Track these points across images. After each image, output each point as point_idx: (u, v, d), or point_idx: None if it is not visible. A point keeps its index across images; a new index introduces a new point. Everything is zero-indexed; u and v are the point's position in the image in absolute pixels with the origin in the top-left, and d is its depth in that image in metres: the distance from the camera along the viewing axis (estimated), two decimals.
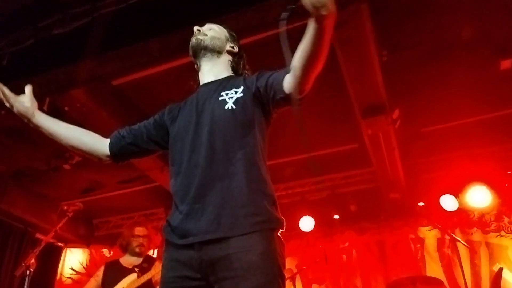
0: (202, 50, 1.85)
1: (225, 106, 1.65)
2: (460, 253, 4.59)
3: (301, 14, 1.43)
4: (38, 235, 5.97)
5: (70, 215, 3.08)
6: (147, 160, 4.70)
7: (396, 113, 4.21)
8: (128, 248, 3.51)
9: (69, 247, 6.72)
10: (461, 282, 4.83)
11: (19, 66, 3.24)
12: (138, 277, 3.23)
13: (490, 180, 5.12)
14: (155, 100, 4.28)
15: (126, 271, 3.30)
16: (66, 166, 5.03)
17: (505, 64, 3.77)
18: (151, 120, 1.93)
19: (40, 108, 1.94)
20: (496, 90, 4.21)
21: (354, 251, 5.91)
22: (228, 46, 1.91)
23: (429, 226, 5.53)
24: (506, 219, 5.37)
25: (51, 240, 6.03)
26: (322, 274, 5.67)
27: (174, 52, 3.03)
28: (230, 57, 1.91)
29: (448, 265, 5.35)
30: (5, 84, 1.90)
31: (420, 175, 5.51)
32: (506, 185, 5.11)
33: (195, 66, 1.93)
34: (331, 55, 3.48)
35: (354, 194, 5.79)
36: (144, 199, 6.24)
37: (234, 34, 1.99)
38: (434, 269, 5.29)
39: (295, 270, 5.44)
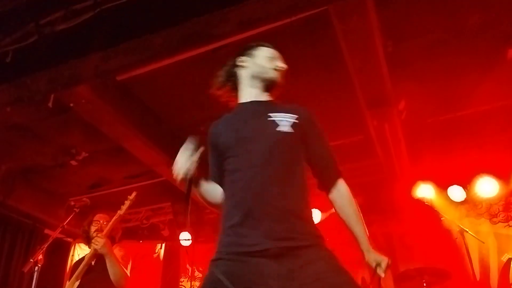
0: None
1: (276, 128, 1.70)
2: (468, 244, 4.55)
3: None
4: (46, 231, 6.03)
5: (77, 210, 3.09)
6: (153, 155, 4.71)
7: (402, 104, 4.18)
8: (88, 237, 3.25)
9: (78, 243, 6.77)
10: (469, 272, 4.81)
11: (23, 63, 3.24)
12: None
13: (498, 170, 5.09)
14: (159, 94, 4.30)
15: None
16: (73, 162, 5.06)
17: None
18: (210, 158, 1.87)
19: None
20: (504, 79, 4.16)
21: None
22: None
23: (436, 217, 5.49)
24: None
25: (60, 236, 6.08)
26: None
27: (177, 46, 3.02)
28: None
29: (456, 256, 5.32)
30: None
31: (427, 167, 5.47)
32: None
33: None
34: (335, 46, 3.47)
35: (360, 186, 5.76)
36: (151, 194, 6.26)
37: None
38: (443, 262, 5.25)
39: None
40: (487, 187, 5.10)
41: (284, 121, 1.72)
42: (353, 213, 1.75)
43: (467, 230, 4.56)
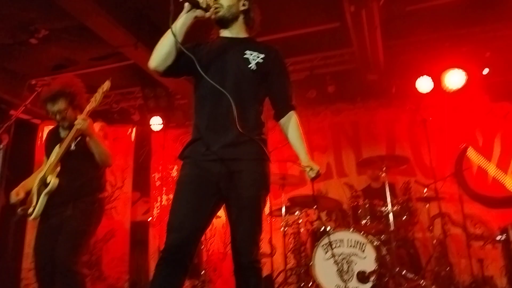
0: (224, 22, 2.13)
1: (248, 65, 2.06)
2: (428, 133, 4.76)
3: None
4: (12, 112, 5.88)
5: (39, 90, 2.97)
6: (118, 35, 4.46)
7: None
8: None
9: (46, 125, 6.70)
10: (427, 160, 5.12)
11: None
12: (60, 146, 2.91)
13: (466, 64, 5.14)
14: None
15: (59, 141, 2.95)
16: (33, 41, 4.75)
17: None
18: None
19: None
20: None
21: (328, 131, 6.08)
22: (241, 6, 2.16)
23: (403, 107, 5.66)
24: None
25: (26, 117, 5.99)
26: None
27: None
28: (243, 15, 2.18)
29: (416, 144, 5.60)
30: None
31: (399, 56, 5.45)
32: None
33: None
34: None
35: (332, 75, 5.76)
36: (119, 78, 6.08)
37: None
38: (403, 148, 5.53)
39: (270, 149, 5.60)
40: (454, 79, 5.19)
41: (253, 59, 2.08)
42: (297, 134, 2.20)
43: (430, 119, 4.73)
